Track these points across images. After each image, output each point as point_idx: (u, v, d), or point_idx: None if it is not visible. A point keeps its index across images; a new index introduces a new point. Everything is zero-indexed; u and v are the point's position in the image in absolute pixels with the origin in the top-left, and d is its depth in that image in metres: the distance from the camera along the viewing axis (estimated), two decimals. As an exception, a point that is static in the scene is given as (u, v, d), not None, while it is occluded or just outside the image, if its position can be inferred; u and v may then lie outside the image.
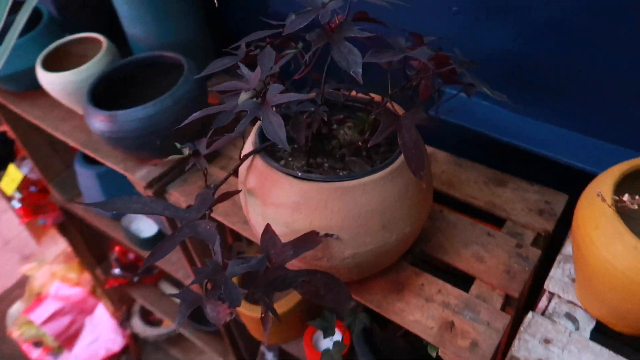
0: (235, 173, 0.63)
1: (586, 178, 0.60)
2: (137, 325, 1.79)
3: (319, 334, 1.03)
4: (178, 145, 0.59)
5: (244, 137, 0.63)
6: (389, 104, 0.59)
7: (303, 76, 0.59)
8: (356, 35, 0.49)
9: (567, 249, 0.66)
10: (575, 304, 0.61)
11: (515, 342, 0.57)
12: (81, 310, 1.79)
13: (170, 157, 0.60)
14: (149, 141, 0.81)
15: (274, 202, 0.58)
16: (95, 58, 0.92)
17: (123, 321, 1.82)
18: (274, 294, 0.55)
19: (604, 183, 0.50)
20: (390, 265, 0.69)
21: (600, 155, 0.74)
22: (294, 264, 0.61)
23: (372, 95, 0.66)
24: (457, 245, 0.74)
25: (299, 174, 0.56)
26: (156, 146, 0.82)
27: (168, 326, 1.76)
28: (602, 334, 0.58)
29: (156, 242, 1.24)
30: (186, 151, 0.58)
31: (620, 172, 0.50)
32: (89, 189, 1.29)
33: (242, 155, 0.60)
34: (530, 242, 0.74)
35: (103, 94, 0.88)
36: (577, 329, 0.58)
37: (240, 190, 0.62)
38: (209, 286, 0.53)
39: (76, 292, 1.77)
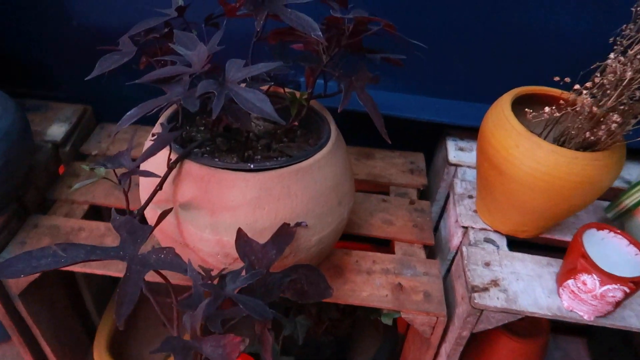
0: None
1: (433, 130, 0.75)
2: None
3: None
4: (85, 166, 0.44)
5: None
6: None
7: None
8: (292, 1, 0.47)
9: (455, 190, 0.76)
10: (486, 229, 0.70)
11: (467, 273, 0.63)
12: None
13: (76, 186, 0.45)
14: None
15: (227, 205, 0.49)
16: None
17: None
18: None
19: (504, 108, 0.60)
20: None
21: (440, 109, 0.86)
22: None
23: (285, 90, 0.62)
24: (365, 216, 0.76)
25: (252, 166, 0.50)
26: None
27: None
28: (513, 244, 0.69)
29: None
30: (101, 171, 0.45)
31: (510, 98, 0.61)
32: None
33: (169, 163, 0.49)
34: (417, 197, 0.82)
35: None
36: (498, 247, 0.68)
37: (171, 208, 0.50)
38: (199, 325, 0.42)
39: None
